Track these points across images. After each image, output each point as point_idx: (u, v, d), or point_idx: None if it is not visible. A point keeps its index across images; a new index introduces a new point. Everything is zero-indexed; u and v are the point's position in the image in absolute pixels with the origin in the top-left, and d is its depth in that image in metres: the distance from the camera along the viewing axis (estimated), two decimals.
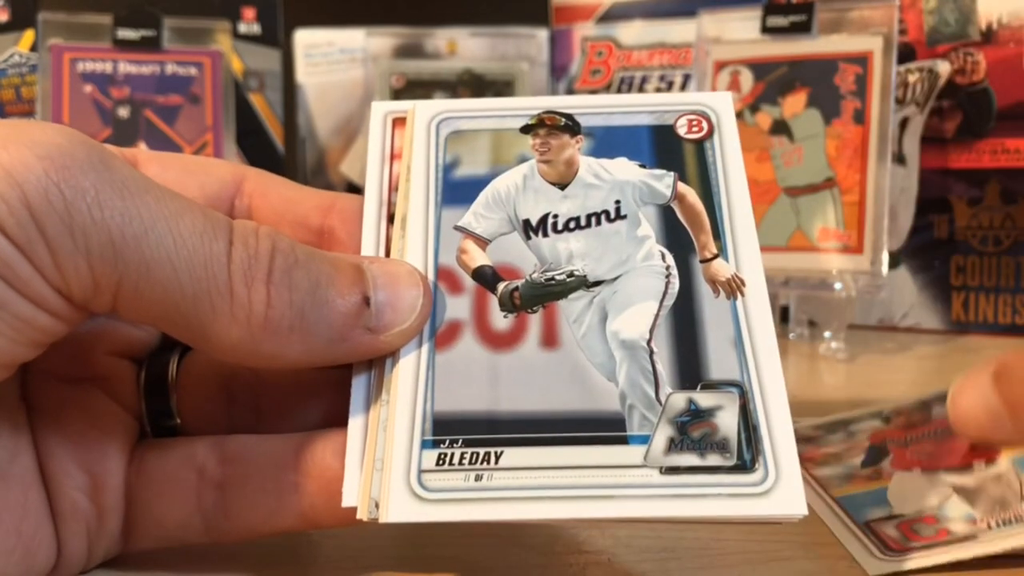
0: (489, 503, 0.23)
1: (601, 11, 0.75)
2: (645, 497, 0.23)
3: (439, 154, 0.28)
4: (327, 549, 0.29)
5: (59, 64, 0.65)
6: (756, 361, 0.25)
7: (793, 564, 0.28)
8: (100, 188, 0.21)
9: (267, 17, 0.72)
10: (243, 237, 0.23)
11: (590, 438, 0.24)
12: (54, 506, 0.25)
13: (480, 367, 0.25)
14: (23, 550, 0.24)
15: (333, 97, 0.77)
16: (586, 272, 0.26)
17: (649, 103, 0.30)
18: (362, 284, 0.24)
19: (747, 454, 0.23)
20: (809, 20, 0.60)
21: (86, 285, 0.21)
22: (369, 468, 0.24)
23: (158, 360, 0.28)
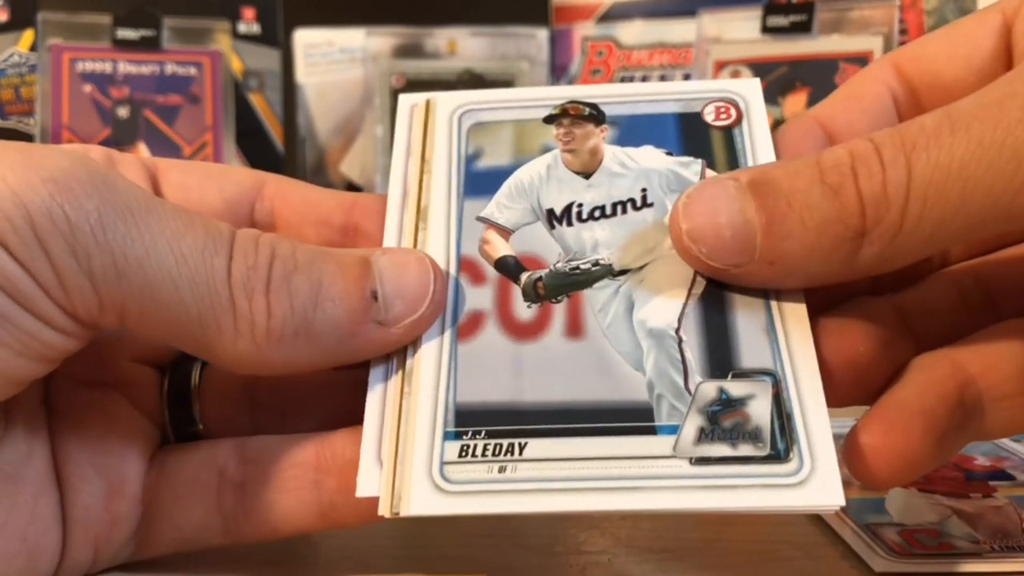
0: (513, 495, 0.22)
1: (601, 11, 0.75)
2: (675, 488, 0.22)
3: (461, 145, 0.28)
4: (327, 549, 0.29)
5: (59, 64, 0.65)
6: (789, 349, 0.24)
7: (793, 564, 0.28)
8: (103, 210, 0.21)
9: (267, 17, 0.72)
10: (243, 249, 0.23)
11: (617, 428, 0.23)
12: (66, 512, 0.25)
13: (503, 358, 0.25)
14: (27, 555, 0.24)
15: (333, 97, 0.77)
16: (612, 261, 0.26)
17: (675, 91, 0.29)
18: (368, 278, 0.24)
19: (781, 443, 0.22)
20: (809, 20, 0.60)
21: (90, 304, 0.21)
22: (391, 461, 0.23)
23: (181, 368, 0.28)
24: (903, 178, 0.21)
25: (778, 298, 0.24)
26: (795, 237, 0.22)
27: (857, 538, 0.28)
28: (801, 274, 0.23)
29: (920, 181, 0.21)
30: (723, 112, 0.28)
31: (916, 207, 0.21)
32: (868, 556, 0.27)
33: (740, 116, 0.28)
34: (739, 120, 0.28)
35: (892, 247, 0.22)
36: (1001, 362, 0.24)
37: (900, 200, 0.21)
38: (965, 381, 0.24)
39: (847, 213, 0.22)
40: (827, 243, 0.22)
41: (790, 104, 0.60)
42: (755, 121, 0.28)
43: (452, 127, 0.29)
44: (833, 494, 0.22)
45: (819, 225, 0.22)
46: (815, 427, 0.23)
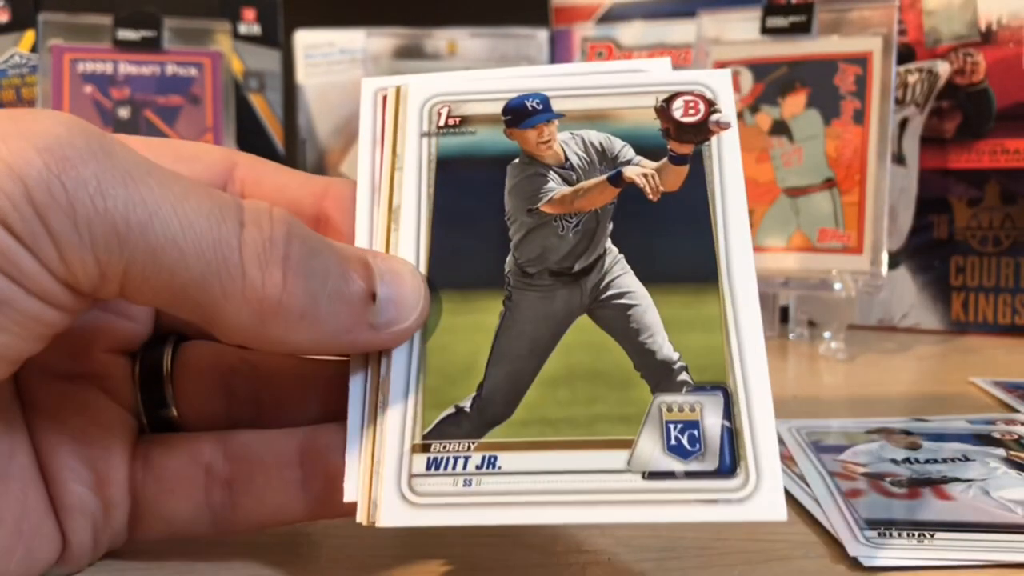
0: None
1: (601, 11, 0.75)
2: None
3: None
4: (327, 549, 0.29)
5: (59, 65, 0.65)
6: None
7: (793, 564, 0.28)
8: (102, 177, 0.21)
9: (267, 18, 0.73)
10: (256, 219, 0.23)
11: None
12: (57, 501, 0.25)
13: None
14: (24, 548, 0.24)
15: (333, 98, 0.77)
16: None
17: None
18: (370, 279, 0.24)
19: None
20: (809, 21, 0.60)
21: (92, 275, 0.21)
22: (367, 470, 0.24)
23: (152, 352, 0.28)
24: None
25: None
26: None
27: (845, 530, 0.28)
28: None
29: None
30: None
31: None
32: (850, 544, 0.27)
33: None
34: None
35: None
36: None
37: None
38: None
39: None
40: None
41: (790, 105, 0.60)
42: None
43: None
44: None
45: None
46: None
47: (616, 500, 0.23)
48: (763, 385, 0.24)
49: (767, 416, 0.24)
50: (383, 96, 0.29)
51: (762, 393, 0.24)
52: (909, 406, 0.46)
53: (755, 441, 0.24)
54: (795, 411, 0.43)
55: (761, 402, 0.24)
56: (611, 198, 0.27)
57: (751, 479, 0.23)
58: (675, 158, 0.27)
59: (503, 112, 0.28)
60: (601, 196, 0.27)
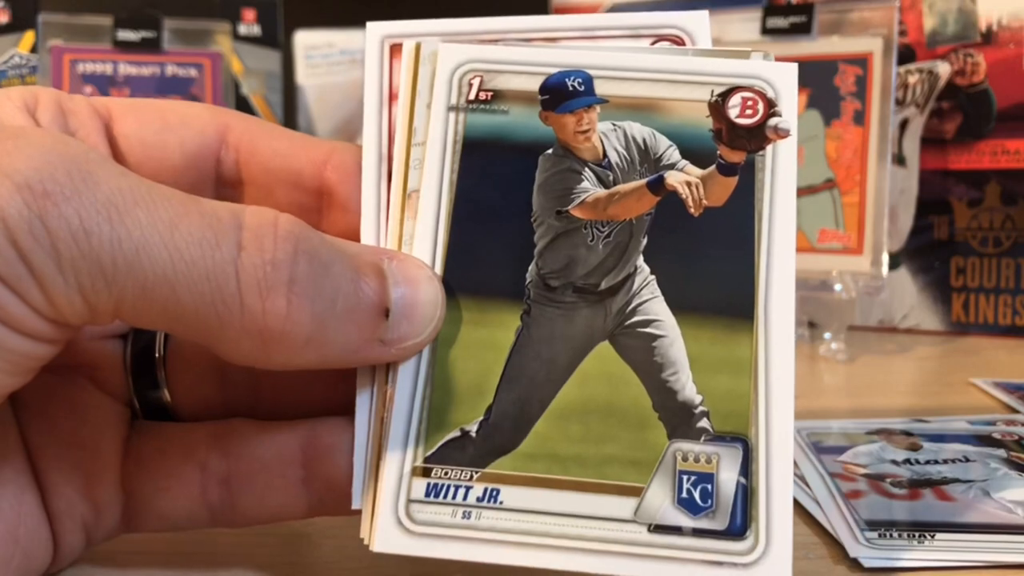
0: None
1: (601, 12, 0.75)
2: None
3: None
4: (328, 550, 0.29)
5: (59, 65, 0.65)
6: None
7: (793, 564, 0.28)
8: (84, 214, 0.19)
9: (267, 18, 0.72)
10: (257, 238, 0.21)
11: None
12: (48, 506, 0.25)
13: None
14: (21, 555, 0.24)
15: (333, 98, 0.77)
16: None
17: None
18: (383, 292, 0.22)
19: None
20: (809, 21, 0.60)
21: (80, 312, 0.20)
22: (372, 481, 0.23)
23: (144, 332, 0.27)
24: None
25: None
26: None
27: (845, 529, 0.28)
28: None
29: None
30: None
31: None
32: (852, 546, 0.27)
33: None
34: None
35: None
36: None
37: None
38: None
39: None
40: None
41: None
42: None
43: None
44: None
45: None
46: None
47: (618, 552, 0.22)
48: (786, 441, 0.23)
49: (786, 476, 0.23)
50: (391, 45, 0.26)
51: (784, 450, 0.23)
52: (909, 407, 0.46)
53: (770, 503, 0.22)
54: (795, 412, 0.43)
55: (781, 460, 0.23)
56: (648, 207, 0.25)
57: (760, 544, 0.22)
58: (724, 167, 0.24)
59: (540, 91, 0.25)
60: (638, 204, 0.25)
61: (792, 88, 0.25)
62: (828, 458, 0.35)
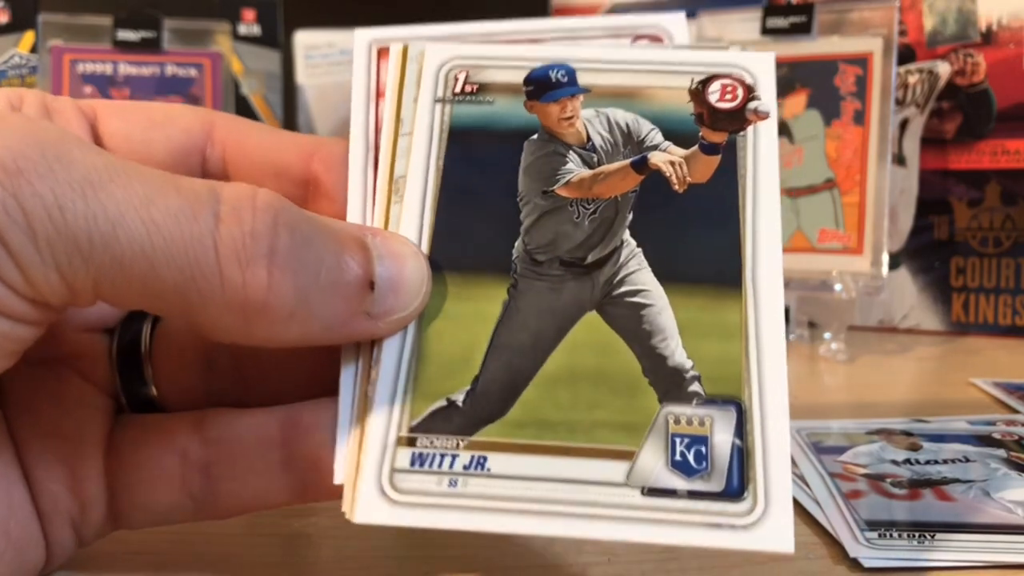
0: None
1: (601, 12, 0.75)
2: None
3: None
4: (327, 550, 0.29)
5: (59, 65, 0.65)
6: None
7: (793, 565, 0.28)
8: (59, 191, 0.19)
9: (267, 18, 0.72)
10: (236, 210, 0.21)
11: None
12: (37, 503, 0.24)
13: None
14: (14, 551, 0.23)
15: (333, 98, 0.77)
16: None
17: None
18: (368, 265, 0.22)
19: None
20: (809, 21, 0.60)
21: (60, 292, 0.20)
22: (355, 455, 0.23)
23: (130, 328, 0.27)
24: None
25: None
26: None
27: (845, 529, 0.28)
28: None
29: None
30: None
31: None
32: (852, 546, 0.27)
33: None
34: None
35: None
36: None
37: None
38: None
39: None
40: None
41: (790, 105, 0.60)
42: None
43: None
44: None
45: None
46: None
47: (611, 516, 0.21)
48: (781, 403, 0.22)
49: (782, 437, 0.22)
50: (378, 50, 0.27)
51: (779, 411, 0.22)
52: (909, 407, 0.46)
53: (767, 463, 0.22)
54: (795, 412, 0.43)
55: (777, 421, 0.22)
56: (633, 185, 0.25)
57: (759, 504, 0.21)
58: (707, 146, 0.25)
59: (525, 82, 0.26)
60: (623, 182, 0.25)
61: (770, 75, 0.26)
62: (828, 458, 0.35)
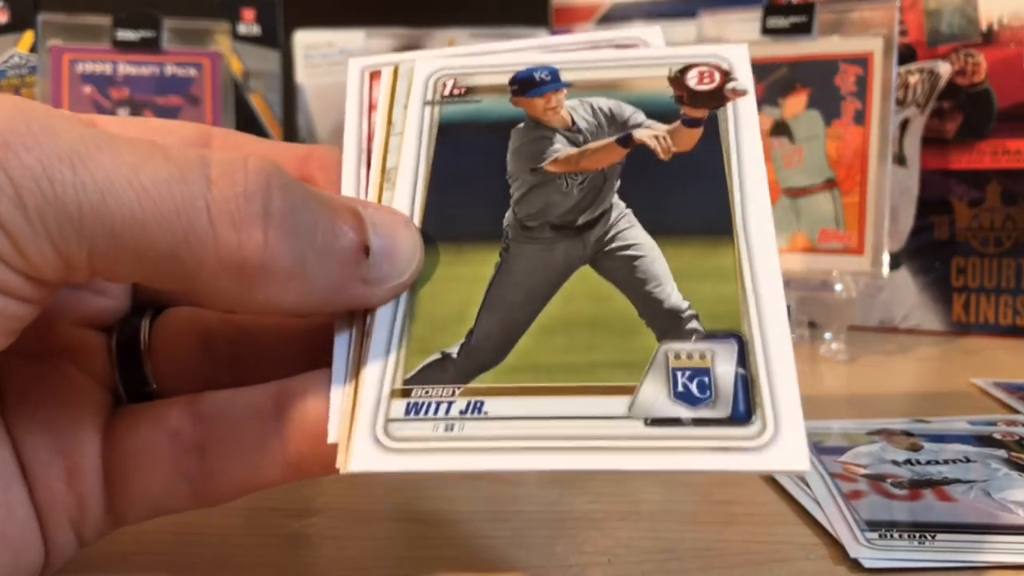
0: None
1: (601, 12, 0.75)
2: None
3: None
4: (327, 550, 0.29)
5: (58, 65, 0.65)
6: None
7: (793, 565, 0.28)
8: (47, 162, 0.19)
9: (266, 18, 0.72)
10: (227, 173, 0.21)
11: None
12: (34, 499, 0.24)
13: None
14: (10, 553, 0.23)
15: (333, 98, 0.77)
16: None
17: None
18: (362, 231, 0.22)
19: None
20: (809, 21, 0.60)
21: (54, 265, 0.20)
22: (349, 413, 0.22)
23: (129, 325, 0.27)
24: None
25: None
26: None
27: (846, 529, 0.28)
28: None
29: None
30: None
31: None
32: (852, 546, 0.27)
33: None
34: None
35: None
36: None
37: None
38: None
39: None
40: None
41: (790, 105, 0.60)
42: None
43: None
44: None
45: None
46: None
47: (616, 447, 0.21)
48: (782, 332, 0.22)
49: (787, 363, 0.22)
50: (370, 73, 0.28)
51: (781, 340, 0.22)
52: (910, 407, 0.46)
53: (773, 388, 0.21)
54: None
55: (780, 349, 0.22)
56: (619, 158, 0.26)
57: (769, 427, 0.21)
58: (689, 121, 0.26)
59: (510, 83, 0.27)
60: (608, 157, 0.25)
61: (745, 62, 0.27)
62: (828, 458, 0.35)
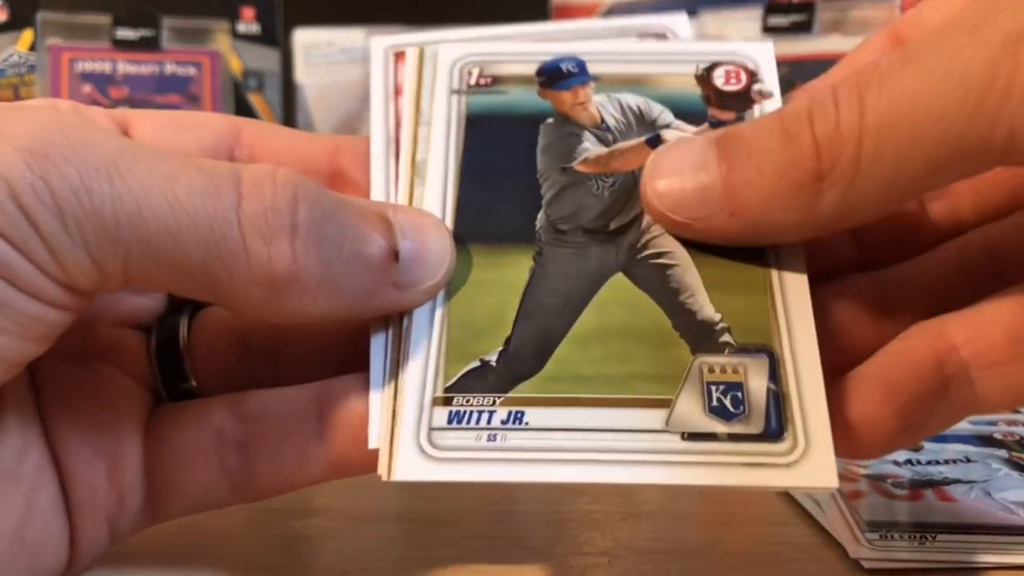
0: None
1: (601, 10, 0.75)
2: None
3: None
4: (328, 551, 0.29)
5: (58, 64, 0.65)
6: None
7: (793, 566, 0.28)
8: (84, 173, 0.20)
9: (266, 17, 0.72)
10: (257, 187, 0.21)
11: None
12: (69, 499, 0.24)
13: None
14: (28, 557, 0.23)
15: (333, 97, 0.77)
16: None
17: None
18: (391, 236, 0.23)
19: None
20: (810, 20, 0.60)
21: (90, 274, 0.20)
22: (389, 419, 0.23)
23: (167, 324, 0.27)
24: (855, 116, 0.21)
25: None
26: (753, 185, 0.22)
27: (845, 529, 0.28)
28: (764, 226, 0.23)
29: (872, 116, 0.20)
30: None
31: (870, 144, 0.21)
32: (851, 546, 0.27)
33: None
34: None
35: (852, 191, 0.21)
36: (988, 329, 0.23)
37: (853, 138, 0.21)
38: (946, 349, 0.23)
39: (803, 156, 0.21)
40: (785, 189, 0.22)
41: None
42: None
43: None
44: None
45: (776, 171, 0.22)
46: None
47: (655, 460, 0.22)
48: (812, 349, 0.23)
49: (816, 381, 0.22)
50: (395, 54, 0.28)
51: (811, 358, 0.23)
52: None
53: (804, 405, 0.22)
54: None
55: (810, 367, 0.22)
56: (648, 158, 0.25)
57: (799, 443, 0.22)
58: (716, 124, 0.26)
59: (537, 73, 0.27)
60: (637, 158, 0.25)
61: (771, 62, 0.27)
62: None
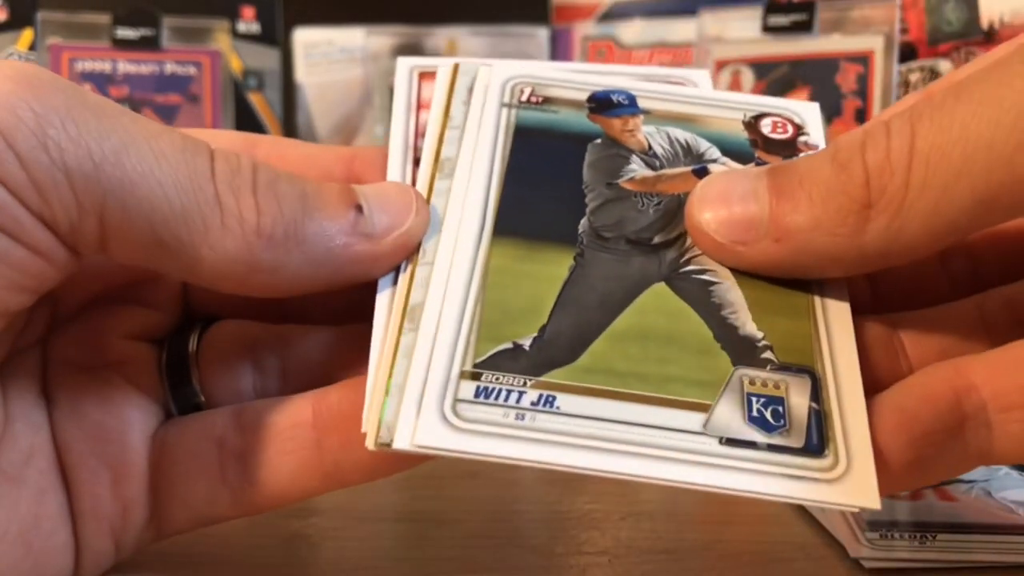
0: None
1: (602, 10, 0.75)
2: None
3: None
4: (327, 551, 0.29)
5: (58, 63, 0.65)
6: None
7: (793, 565, 0.28)
8: (72, 106, 0.20)
9: (266, 16, 0.72)
10: (223, 154, 0.23)
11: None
12: (74, 507, 0.24)
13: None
14: (33, 562, 0.23)
15: (333, 96, 0.77)
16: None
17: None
18: (350, 195, 0.24)
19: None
20: (810, 19, 0.60)
21: (69, 207, 0.20)
22: (380, 393, 0.22)
23: (178, 339, 0.27)
24: (906, 144, 0.21)
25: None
26: (801, 211, 0.22)
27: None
28: (808, 254, 0.23)
29: (922, 144, 0.21)
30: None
31: (919, 171, 0.21)
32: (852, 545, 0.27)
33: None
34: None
35: (898, 220, 0.21)
36: (1009, 372, 0.22)
37: (903, 165, 0.21)
38: (964, 387, 0.22)
39: (852, 184, 0.21)
40: (832, 214, 0.22)
41: None
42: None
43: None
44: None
45: (824, 196, 0.22)
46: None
47: (690, 460, 0.21)
48: (854, 375, 0.22)
49: (859, 404, 0.22)
50: (419, 72, 0.29)
51: (853, 383, 0.22)
52: None
53: (846, 426, 0.21)
54: None
55: (852, 391, 0.22)
56: (694, 187, 0.25)
57: (841, 461, 0.21)
58: (763, 165, 0.26)
59: (588, 100, 0.27)
60: (683, 185, 0.25)
61: (817, 120, 0.27)
62: None
